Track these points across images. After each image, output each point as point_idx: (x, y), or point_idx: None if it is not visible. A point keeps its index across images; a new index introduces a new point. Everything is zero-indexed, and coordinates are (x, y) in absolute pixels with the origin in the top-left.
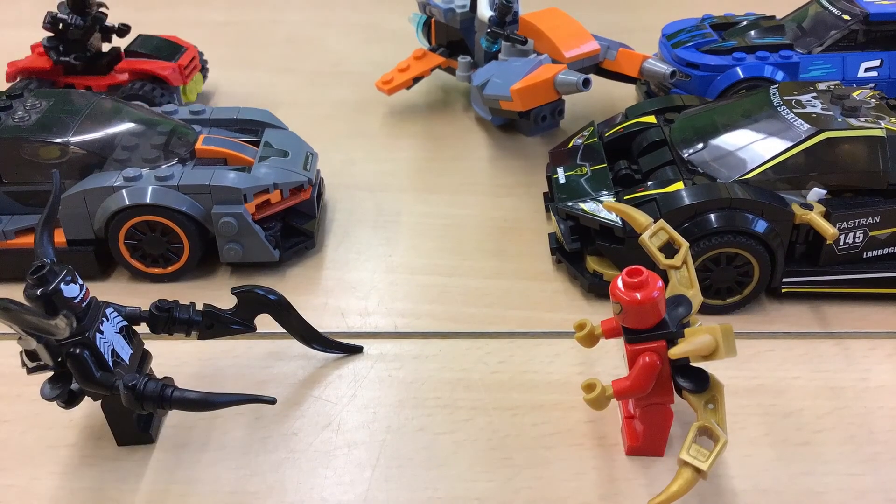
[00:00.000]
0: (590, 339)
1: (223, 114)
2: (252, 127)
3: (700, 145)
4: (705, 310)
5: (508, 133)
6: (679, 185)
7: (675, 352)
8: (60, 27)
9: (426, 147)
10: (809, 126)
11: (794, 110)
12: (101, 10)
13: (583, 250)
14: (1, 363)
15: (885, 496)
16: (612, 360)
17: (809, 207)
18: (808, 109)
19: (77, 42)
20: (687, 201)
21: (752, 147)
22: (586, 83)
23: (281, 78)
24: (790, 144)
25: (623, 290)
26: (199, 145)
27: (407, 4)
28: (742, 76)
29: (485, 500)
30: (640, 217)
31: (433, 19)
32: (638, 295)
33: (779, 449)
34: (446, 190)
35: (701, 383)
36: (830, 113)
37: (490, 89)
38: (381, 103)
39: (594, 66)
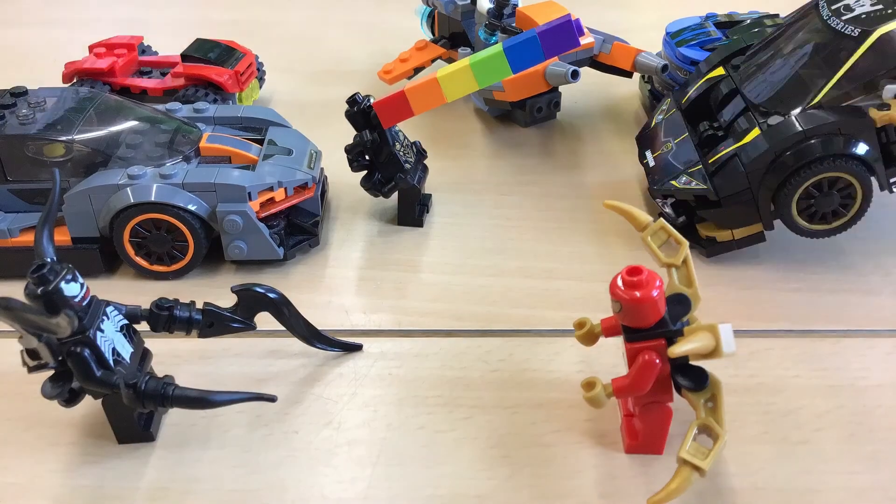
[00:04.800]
0: (589, 338)
1: (227, 112)
2: (256, 125)
3: (765, 84)
4: (808, 236)
5: (509, 129)
6: (755, 132)
7: (675, 350)
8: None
9: (429, 143)
10: (861, 29)
11: (844, 17)
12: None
13: (692, 221)
14: (2, 362)
15: (885, 494)
16: (611, 359)
17: (886, 107)
18: (858, 11)
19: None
20: (764, 148)
21: (814, 70)
22: (575, 74)
23: (282, 77)
24: (848, 54)
25: (623, 288)
26: (203, 143)
27: (408, 3)
28: None
29: (485, 498)
30: (640, 216)
31: (436, 11)
32: (637, 293)
33: (778, 447)
34: (449, 188)
35: (700, 382)
36: (880, 6)
37: None
38: None
39: (588, 58)
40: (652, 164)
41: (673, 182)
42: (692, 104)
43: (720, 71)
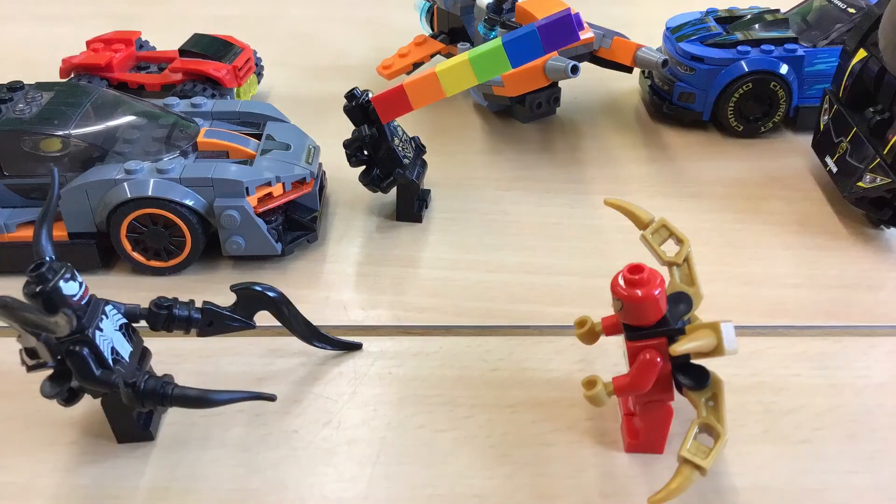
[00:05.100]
0: (590, 336)
1: (225, 107)
2: (254, 120)
3: None
4: None
5: (509, 125)
6: None
7: (676, 349)
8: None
9: (428, 139)
10: None
11: None
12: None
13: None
14: (1, 361)
15: (885, 494)
16: (612, 357)
17: None
18: None
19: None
20: None
21: None
22: (574, 69)
23: (280, 72)
24: None
25: (624, 286)
26: (200, 138)
27: None
28: (746, 70)
29: (484, 498)
30: (641, 214)
31: (435, 6)
32: (639, 292)
33: (778, 446)
34: (448, 183)
35: (701, 380)
36: None
37: None
38: None
39: (588, 53)
40: (834, 169)
41: (860, 184)
42: (850, 94)
43: (862, 53)
